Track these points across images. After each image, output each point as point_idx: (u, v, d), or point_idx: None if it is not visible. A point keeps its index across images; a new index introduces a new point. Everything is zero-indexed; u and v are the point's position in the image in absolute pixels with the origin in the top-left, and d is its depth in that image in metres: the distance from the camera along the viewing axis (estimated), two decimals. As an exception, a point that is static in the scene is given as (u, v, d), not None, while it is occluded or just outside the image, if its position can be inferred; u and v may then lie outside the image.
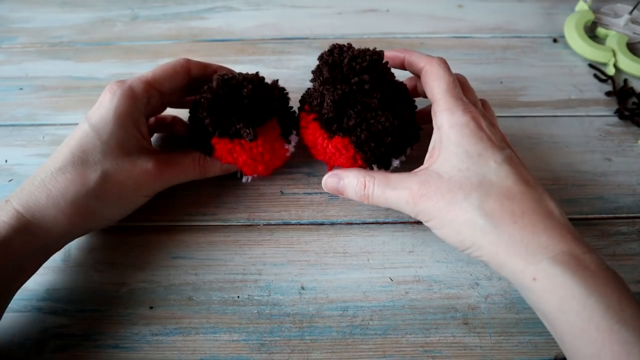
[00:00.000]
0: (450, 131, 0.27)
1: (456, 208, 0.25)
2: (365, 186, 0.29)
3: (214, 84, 0.29)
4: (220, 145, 0.31)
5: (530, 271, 0.23)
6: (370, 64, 0.29)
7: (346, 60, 0.28)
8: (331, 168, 0.33)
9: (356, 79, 0.28)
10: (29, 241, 0.26)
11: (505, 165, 0.26)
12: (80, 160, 0.27)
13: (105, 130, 0.28)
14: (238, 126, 0.29)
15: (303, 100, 0.33)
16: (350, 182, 0.29)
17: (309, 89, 0.33)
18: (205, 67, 0.33)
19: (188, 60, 0.32)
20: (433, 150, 0.28)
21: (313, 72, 0.31)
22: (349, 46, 0.30)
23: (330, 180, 0.30)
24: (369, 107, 0.29)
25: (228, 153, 0.31)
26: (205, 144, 0.31)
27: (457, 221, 0.25)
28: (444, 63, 0.30)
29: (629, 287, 0.23)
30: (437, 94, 0.29)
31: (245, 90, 0.29)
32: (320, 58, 0.30)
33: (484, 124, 0.27)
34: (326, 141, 0.31)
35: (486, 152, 0.26)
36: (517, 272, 0.24)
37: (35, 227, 0.26)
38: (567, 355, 0.24)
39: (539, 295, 0.23)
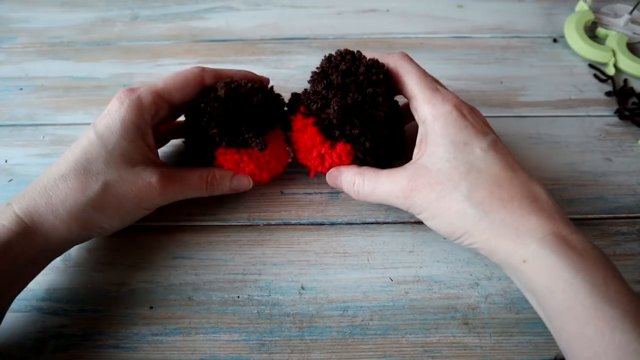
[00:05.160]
0: (434, 123, 0.27)
1: (446, 199, 0.26)
2: (354, 183, 0.30)
3: (222, 92, 0.28)
4: (227, 157, 0.30)
5: (521, 254, 0.24)
6: (386, 77, 0.28)
7: (362, 69, 0.28)
8: (314, 173, 0.33)
9: (371, 89, 0.28)
10: (28, 246, 0.26)
11: (491, 152, 0.26)
12: (83, 168, 0.27)
13: (111, 141, 0.27)
14: (247, 136, 0.29)
15: (296, 101, 0.32)
16: (344, 178, 0.31)
17: (305, 90, 0.32)
18: (219, 75, 0.31)
19: (202, 70, 0.31)
20: (420, 144, 0.29)
21: (315, 73, 0.30)
22: (360, 54, 0.29)
23: (333, 174, 0.32)
24: (374, 119, 0.29)
25: (234, 164, 0.31)
26: (205, 153, 0.31)
27: (447, 212, 0.26)
28: (406, 56, 0.30)
29: (615, 266, 0.23)
30: (412, 89, 0.29)
31: (255, 99, 0.29)
32: (328, 61, 0.29)
33: (465, 110, 0.28)
34: (325, 147, 0.30)
35: (471, 140, 0.26)
36: (508, 256, 0.24)
37: (33, 233, 0.26)
38: (553, 333, 0.24)
39: (528, 276, 0.24)
